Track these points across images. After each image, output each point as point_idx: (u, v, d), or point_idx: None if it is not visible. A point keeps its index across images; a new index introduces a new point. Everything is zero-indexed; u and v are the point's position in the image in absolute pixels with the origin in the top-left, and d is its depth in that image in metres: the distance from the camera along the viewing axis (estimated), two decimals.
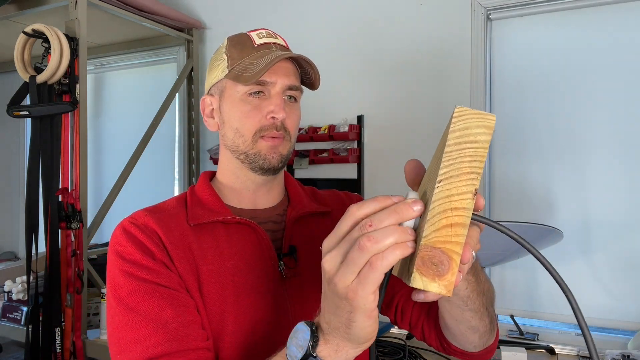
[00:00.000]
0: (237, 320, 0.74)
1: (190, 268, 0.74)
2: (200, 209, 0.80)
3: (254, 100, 0.79)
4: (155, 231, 0.74)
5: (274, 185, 0.87)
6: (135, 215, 0.78)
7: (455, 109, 0.45)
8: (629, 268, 1.70)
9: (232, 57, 0.81)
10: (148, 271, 0.71)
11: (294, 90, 0.82)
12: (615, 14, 1.73)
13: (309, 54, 0.90)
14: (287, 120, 0.80)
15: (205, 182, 0.86)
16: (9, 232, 3.15)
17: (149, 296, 0.69)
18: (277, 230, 0.84)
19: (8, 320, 2.07)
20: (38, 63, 1.77)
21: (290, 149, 0.83)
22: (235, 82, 0.79)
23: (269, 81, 0.79)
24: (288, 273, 0.80)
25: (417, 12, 2.00)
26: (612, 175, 1.72)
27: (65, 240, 1.78)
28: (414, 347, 1.73)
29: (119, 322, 0.69)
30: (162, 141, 2.53)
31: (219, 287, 0.74)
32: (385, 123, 2.06)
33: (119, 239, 0.74)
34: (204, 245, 0.77)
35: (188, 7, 2.53)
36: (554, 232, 1.55)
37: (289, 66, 0.82)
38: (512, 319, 1.81)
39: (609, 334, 1.74)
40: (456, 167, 0.44)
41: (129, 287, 0.70)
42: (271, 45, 0.82)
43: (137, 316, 0.68)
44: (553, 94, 1.81)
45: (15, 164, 3.18)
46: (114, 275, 0.72)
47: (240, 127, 0.80)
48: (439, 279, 0.43)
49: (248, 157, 0.80)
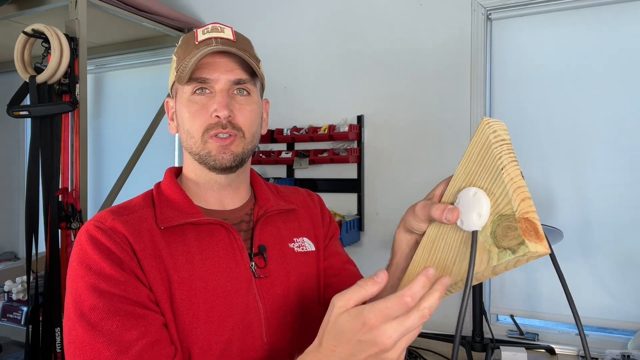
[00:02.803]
0: (208, 326, 0.72)
1: (161, 276, 0.71)
2: (169, 210, 0.77)
3: (201, 99, 0.77)
4: (124, 236, 0.71)
5: (240, 185, 0.85)
6: (100, 217, 0.73)
7: (483, 119, 0.58)
8: (629, 268, 1.70)
9: (178, 57, 0.80)
10: (114, 283, 0.66)
11: (244, 84, 0.78)
12: (615, 13, 1.73)
13: (309, 53, 0.90)
14: (237, 117, 0.77)
15: (172, 179, 0.83)
16: (9, 232, 3.15)
17: (112, 314, 0.64)
18: (246, 230, 0.83)
19: (8, 320, 2.06)
20: (38, 63, 1.77)
21: (246, 146, 0.79)
22: (179, 83, 0.78)
23: (210, 78, 0.76)
24: (259, 273, 0.79)
25: (417, 12, 2.00)
26: (612, 175, 1.72)
27: (65, 240, 1.78)
28: (414, 347, 1.73)
29: (77, 337, 0.65)
30: (162, 141, 2.53)
31: (191, 293, 0.72)
32: (385, 123, 2.06)
33: (84, 246, 0.69)
34: (175, 251, 0.74)
35: (188, 7, 2.53)
36: (554, 232, 1.55)
37: (232, 60, 0.78)
38: (512, 319, 1.81)
39: (609, 334, 1.74)
40: (506, 157, 0.55)
41: (91, 302, 0.65)
42: (212, 40, 0.77)
43: (99, 336, 0.64)
44: (553, 93, 1.81)
45: (15, 164, 3.18)
46: (77, 286, 0.67)
47: (190, 128, 0.77)
48: (540, 242, 0.52)
49: (201, 158, 0.78)
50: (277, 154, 2.19)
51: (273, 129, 2.22)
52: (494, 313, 1.90)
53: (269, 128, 2.20)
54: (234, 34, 0.80)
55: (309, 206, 0.94)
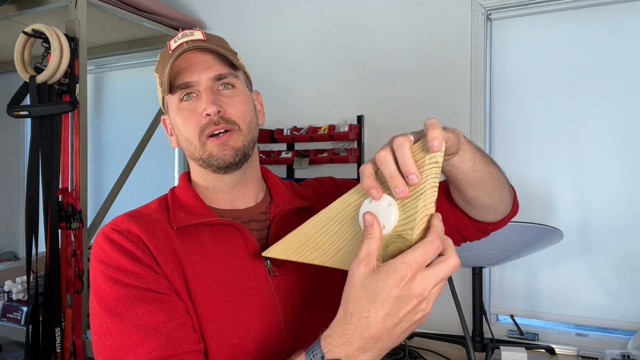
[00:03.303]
0: (226, 320, 0.73)
1: (177, 271, 0.72)
2: (182, 212, 0.78)
3: (189, 104, 0.78)
4: (139, 236, 0.73)
5: (248, 182, 0.84)
6: (116, 221, 0.76)
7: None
8: (629, 268, 1.70)
9: (159, 72, 0.81)
10: (135, 276, 0.69)
11: (225, 78, 0.78)
12: (615, 13, 1.72)
13: (309, 53, 0.90)
14: (228, 111, 0.77)
15: (185, 183, 0.84)
16: (9, 232, 3.15)
17: (137, 302, 0.67)
18: (261, 229, 0.83)
19: (8, 320, 2.06)
20: (38, 63, 1.77)
21: (245, 138, 0.79)
22: (163, 94, 0.79)
23: (191, 81, 0.77)
24: (275, 271, 0.79)
25: (417, 12, 2.00)
26: (612, 175, 1.72)
27: (65, 240, 1.78)
28: (414, 347, 1.73)
29: (107, 329, 0.67)
30: (162, 141, 2.52)
31: (206, 288, 0.73)
32: (385, 123, 2.06)
33: (102, 247, 0.72)
34: (189, 248, 0.75)
35: (188, 7, 2.53)
36: (554, 232, 1.55)
37: (208, 57, 0.78)
38: (512, 319, 1.81)
39: (609, 334, 1.74)
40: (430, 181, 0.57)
41: (116, 294, 0.68)
42: (183, 45, 0.78)
43: (127, 323, 0.66)
44: (553, 93, 1.81)
45: (15, 164, 3.18)
46: (99, 282, 0.70)
47: (187, 134, 0.78)
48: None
49: (205, 162, 0.78)
50: (277, 154, 2.20)
51: (273, 129, 2.22)
52: (494, 313, 1.90)
53: (269, 128, 2.21)
54: (204, 35, 0.80)
55: (322, 195, 0.93)
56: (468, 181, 0.73)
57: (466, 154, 0.68)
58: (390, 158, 0.57)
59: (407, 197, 0.56)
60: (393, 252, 0.55)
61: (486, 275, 1.88)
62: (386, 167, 0.57)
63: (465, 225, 0.87)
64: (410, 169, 0.55)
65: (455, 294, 0.61)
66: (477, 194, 0.77)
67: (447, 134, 0.60)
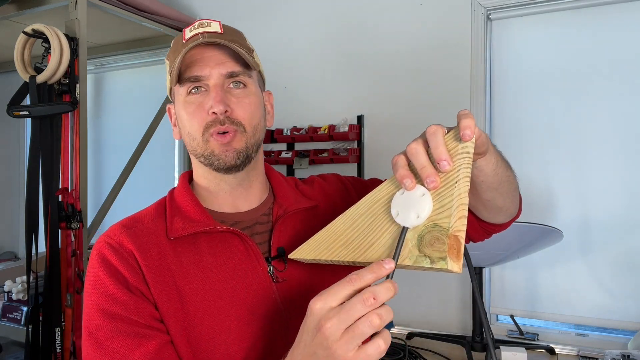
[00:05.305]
0: (226, 335, 0.71)
1: (169, 290, 0.71)
2: (180, 220, 0.75)
3: (197, 98, 0.74)
4: (131, 252, 0.71)
5: (252, 184, 0.81)
6: (110, 232, 0.74)
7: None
8: (628, 268, 1.70)
9: (170, 60, 0.77)
10: (121, 306, 0.68)
11: (237, 76, 0.75)
12: (615, 14, 1.73)
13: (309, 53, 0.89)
14: (235, 112, 0.74)
15: (184, 185, 0.81)
16: (9, 232, 3.15)
17: (116, 334, 0.67)
18: (263, 232, 0.80)
19: (8, 320, 2.07)
20: (38, 63, 1.77)
21: (249, 140, 0.75)
22: (171, 84, 0.76)
23: (202, 75, 0.74)
24: (278, 277, 0.76)
25: (417, 12, 2.00)
26: (612, 175, 1.72)
27: (65, 240, 1.78)
28: (414, 347, 1.73)
29: (88, 356, 0.68)
30: (162, 141, 2.52)
31: (205, 304, 0.71)
32: (385, 123, 2.06)
33: (94, 266, 0.71)
34: (185, 262, 0.73)
35: (188, 7, 2.53)
36: (554, 232, 1.55)
37: (222, 52, 0.75)
38: (512, 319, 1.81)
39: (609, 334, 1.74)
40: (463, 171, 0.56)
41: (98, 322, 0.68)
42: (198, 36, 0.74)
43: (105, 355, 0.66)
44: (553, 93, 1.81)
45: (15, 164, 3.18)
46: (88, 305, 0.70)
47: (190, 129, 0.75)
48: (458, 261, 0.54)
49: (206, 159, 0.75)
50: (277, 154, 2.20)
51: (273, 129, 2.22)
52: (494, 313, 1.90)
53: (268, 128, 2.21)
54: (221, 27, 0.76)
55: (327, 193, 0.90)
56: (488, 184, 0.72)
57: (491, 156, 0.67)
58: (422, 149, 0.58)
59: (440, 187, 0.57)
60: (429, 241, 0.55)
61: (486, 275, 1.88)
62: (417, 158, 0.58)
63: (473, 226, 0.86)
64: (443, 155, 0.56)
65: (480, 300, 0.63)
66: (493, 197, 0.76)
67: (480, 131, 0.60)
